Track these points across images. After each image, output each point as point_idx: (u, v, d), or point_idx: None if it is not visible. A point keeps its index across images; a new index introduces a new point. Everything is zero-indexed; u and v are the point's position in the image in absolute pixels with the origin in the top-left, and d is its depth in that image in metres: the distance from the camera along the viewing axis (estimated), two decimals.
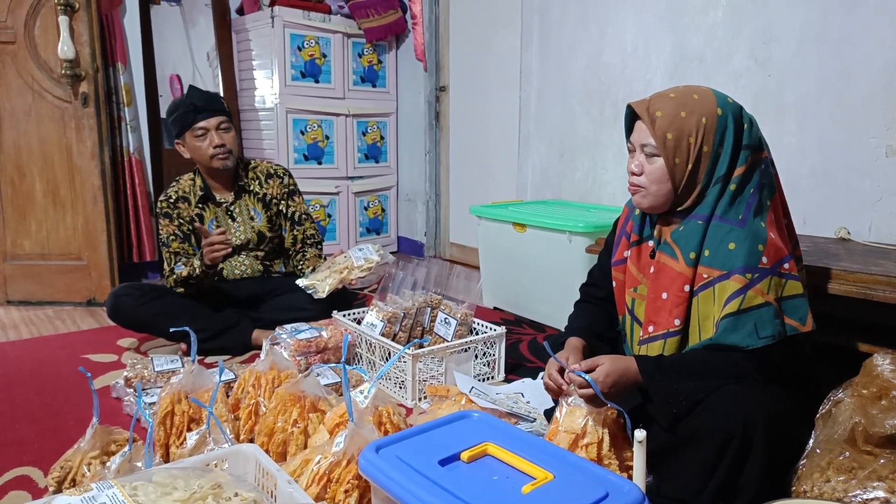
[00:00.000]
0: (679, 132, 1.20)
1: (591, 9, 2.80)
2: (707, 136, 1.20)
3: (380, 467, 1.01)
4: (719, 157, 1.21)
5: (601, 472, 1.00)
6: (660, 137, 1.21)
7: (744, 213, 1.21)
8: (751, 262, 1.16)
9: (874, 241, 1.89)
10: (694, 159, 1.21)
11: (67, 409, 1.80)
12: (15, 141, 2.86)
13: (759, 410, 1.12)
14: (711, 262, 1.21)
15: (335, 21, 3.77)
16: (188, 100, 2.24)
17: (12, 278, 2.95)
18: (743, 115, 1.24)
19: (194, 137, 2.24)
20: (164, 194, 2.33)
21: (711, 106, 1.21)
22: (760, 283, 1.16)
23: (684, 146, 1.21)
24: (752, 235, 1.18)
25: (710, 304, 1.22)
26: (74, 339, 2.45)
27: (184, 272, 2.23)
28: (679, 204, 1.27)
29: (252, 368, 1.61)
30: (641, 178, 1.26)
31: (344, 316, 2.21)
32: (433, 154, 3.96)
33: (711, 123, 1.20)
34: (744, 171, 1.22)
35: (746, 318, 1.16)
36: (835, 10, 2.00)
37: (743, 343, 1.16)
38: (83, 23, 2.79)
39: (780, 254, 1.19)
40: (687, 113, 1.21)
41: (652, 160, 1.24)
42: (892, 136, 1.90)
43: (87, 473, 1.26)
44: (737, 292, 1.16)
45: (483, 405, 1.59)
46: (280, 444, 1.40)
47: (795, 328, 1.18)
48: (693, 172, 1.22)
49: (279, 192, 2.42)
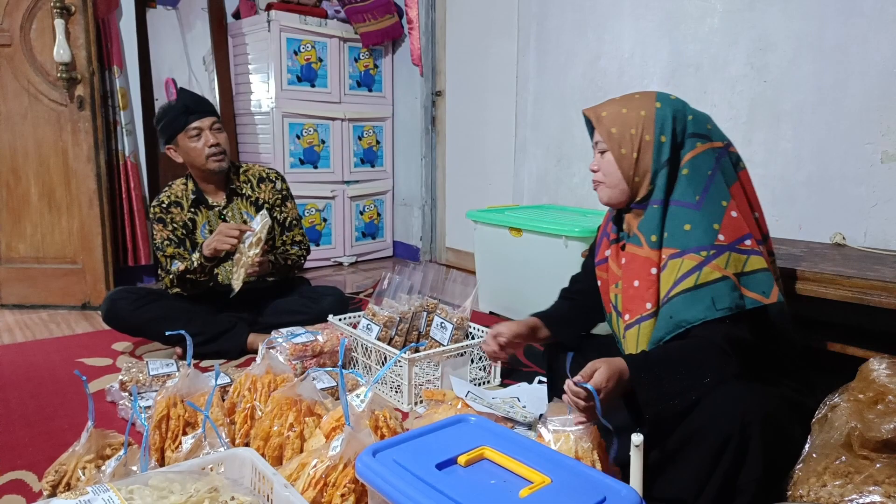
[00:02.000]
0: (622, 125, 1.32)
1: (589, 16, 2.81)
2: (647, 126, 1.31)
3: (376, 471, 1.01)
4: (662, 144, 1.30)
5: (598, 476, 1.00)
6: (605, 132, 1.33)
7: (700, 194, 1.27)
8: (705, 241, 1.23)
9: (870, 247, 1.90)
10: (637, 148, 1.31)
11: (62, 412, 1.79)
12: (10, 144, 2.85)
13: (756, 411, 1.12)
14: (670, 242, 1.28)
15: (332, 25, 3.78)
16: (180, 101, 2.23)
17: (7, 281, 2.93)
18: (686, 109, 1.34)
19: (188, 139, 2.22)
20: (156, 199, 2.31)
21: (650, 101, 1.33)
22: (717, 259, 1.21)
23: (627, 137, 1.31)
24: (706, 216, 1.25)
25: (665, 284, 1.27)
26: (69, 343, 2.44)
27: (181, 267, 2.21)
28: (636, 195, 1.35)
29: (248, 372, 1.61)
30: (598, 173, 1.38)
31: (340, 320, 2.20)
32: (429, 159, 3.96)
33: (650, 115, 1.31)
34: (695, 155, 1.30)
35: (703, 293, 1.21)
36: (830, 19, 2.01)
37: (701, 316, 1.20)
38: (79, 26, 2.79)
39: (740, 231, 1.25)
40: (628, 109, 1.33)
41: (604, 155, 1.36)
42: (887, 143, 1.92)
43: (82, 477, 1.26)
44: (692, 269, 1.22)
45: (479, 409, 1.59)
46: (276, 448, 1.40)
47: (758, 301, 1.22)
48: (639, 160, 1.31)
49: (272, 197, 2.40)
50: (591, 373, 1.17)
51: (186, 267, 2.19)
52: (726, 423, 1.12)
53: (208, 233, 2.31)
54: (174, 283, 2.23)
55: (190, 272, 2.20)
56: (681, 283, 1.22)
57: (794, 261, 1.69)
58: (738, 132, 2.29)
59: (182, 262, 2.22)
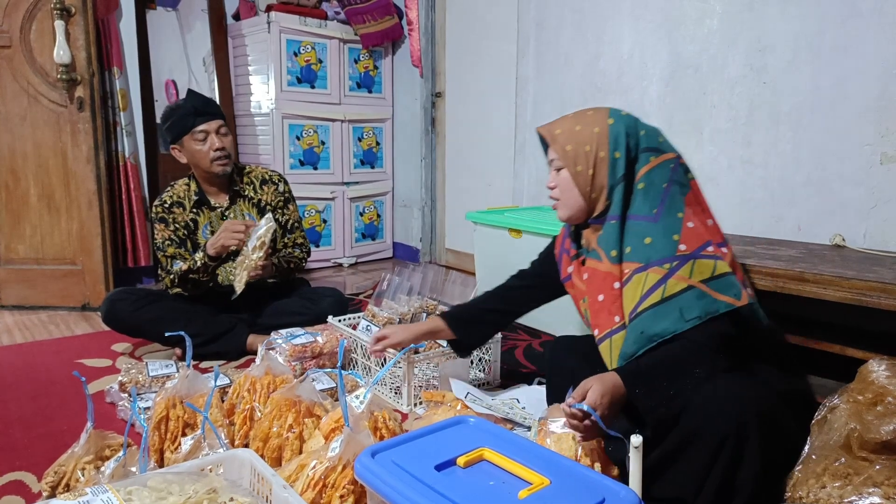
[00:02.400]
0: (576, 143, 1.34)
1: (588, 17, 2.82)
2: (601, 143, 1.33)
3: (376, 472, 1.01)
4: (616, 160, 1.33)
5: (598, 478, 1.00)
6: (560, 150, 1.36)
7: (657, 208, 1.29)
8: (667, 253, 1.25)
9: (869, 248, 1.90)
10: (592, 164, 1.34)
11: (61, 413, 1.79)
12: (10, 145, 2.85)
13: (752, 409, 1.13)
14: (632, 256, 1.29)
15: (331, 27, 3.78)
16: (188, 103, 2.22)
17: (6, 283, 2.93)
18: (638, 125, 1.36)
19: (194, 141, 2.21)
20: (158, 199, 2.31)
21: (603, 118, 1.35)
22: (681, 270, 1.23)
23: (582, 154, 1.34)
24: (665, 228, 1.27)
25: (630, 298, 1.28)
26: (68, 344, 2.44)
27: (183, 266, 2.21)
28: (593, 211, 1.37)
29: (247, 373, 1.61)
30: (555, 191, 1.40)
31: (340, 321, 2.20)
32: (429, 160, 3.97)
33: (604, 131, 1.33)
34: (650, 169, 1.32)
35: (671, 306, 1.22)
36: (829, 21, 2.02)
37: (671, 329, 1.21)
38: (79, 27, 2.79)
39: (700, 239, 1.27)
40: (582, 126, 1.35)
41: (560, 173, 1.38)
42: (886, 144, 1.92)
43: (81, 478, 1.26)
44: (657, 283, 1.23)
45: (479, 411, 1.59)
46: (275, 450, 1.40)
47: (730, 304, 1.22)
48: (594, 176, 1.34)
49: (274, 199, 2.40)
50: (584, 393, 1.17)
51: (189, 266, 2.19)
52: (723, 423, 1.12)
53: (210, 234, 2.31)
54: (175, 282, 2.23)
55: (193, 272, 2.19)
56: (648, 298, 1.24)
57: (792, 262, 1.69)
58: (737, 133, 2.29)
59: (184, 262, 2.21)
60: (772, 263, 1.67)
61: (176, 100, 2.32)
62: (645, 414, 1.20)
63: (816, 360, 1.70)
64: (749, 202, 2.27)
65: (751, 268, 1.67)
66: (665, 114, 2.52)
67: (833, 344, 1.61)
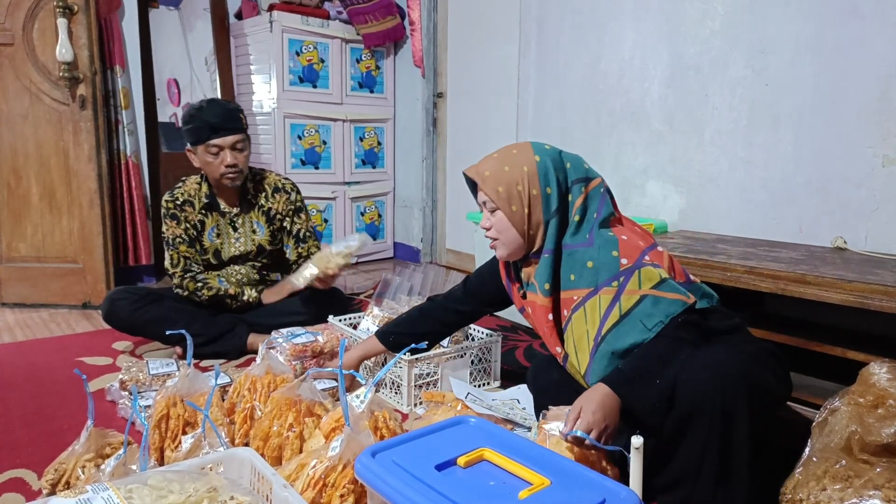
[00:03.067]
0: (507, 183, 1.36)
1: (589, 18, 2.82)
2: (532, 181, 1.36)
3: (376, 472, 1.01)
4: (549, 196, 1.36)
5: (598, 478, 1.00)
6: (492, 192, 1.37)
7: (589, 232, 1.34)
8: (612, 272, 1.28)
9: (870, 251, 1.90)
10: (527, 203, 1.36)
11: (62, 411, 1.80)
12: (11, 143, 2.85)
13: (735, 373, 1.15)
14: (577, 283, 1.32)
15: (333, 26, 3.78)
16: (207, 115, 2.18)
17: (7, 281, 2.94)
18: (562, 157, 1.39)
19: (207, 153, 2.19)
20: (169, 195, 2.30)
21: (529, 155, 1.37)
22: (629, 284, 1.26)
23: (515, 194, 1.36)
24: (603, 248, 1.31)
25: (583, 324, 1.31)
26: (69, 342, 2.44)
27: (230, 290, 2.28)
28: (532, 246, 1.40)
29: (248, 372, 1.61)
30: (492, 231, 1.42)
31: (340, 321, 2.20)
32: (430, 160, 3.97)
33: (532, 169, 1.36)
34: (582, 200, 1.36)
35: (631, 320, 1.25)
36: (830, 22, 2.02)
37: (640, 339, 1.24)
38: (82, 25, 2.79)
39: (638, 250, 1.31)
40: (510, 166, 1.37)
41: (495, 213, 1.39)
42: (888, 146, 1.92)
43: (82, 476, 1.26)
44: (611, 304, 1.27)
45: (479, 411, 1.59)
46: (275, 449, 1.40)
47: (685, 302, 1.26)
48: (530, 215, 1.37)
49: (285, 207, 2.40)
50: (577, 416, 1.18)
51: (234, 293, 2.29)
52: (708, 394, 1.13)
53: (215, 236, 2.32)
54: (198, 291, 2.25)
55: (231, 297, 2.29)
56: (608, 319, 1.27)
57: (794, 264, 1.69)
58: (738, 134, 2.29)
59: (231, 287, 2.29)
60: (773, 265, 1.67)
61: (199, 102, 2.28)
62: (644, 415, 1.20)
63: (817, 362, 1.70)
64: (750, 203, 2.27)
65: (752, 269, 1.67)
66: (666, 115, 2.52)
67: (834, 346, 1.61)
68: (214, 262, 2.35)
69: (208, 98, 2.31)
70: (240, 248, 2.36)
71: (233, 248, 2.35)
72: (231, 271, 2.38)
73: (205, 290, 2.26)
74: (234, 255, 2.36)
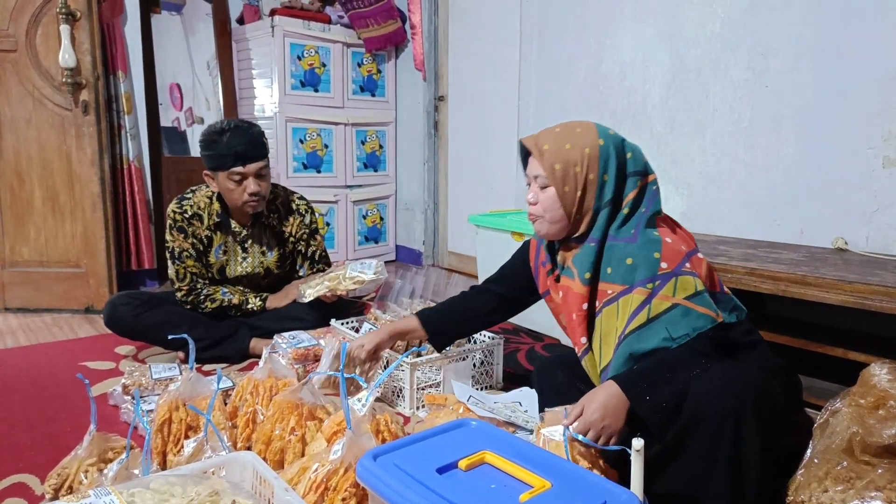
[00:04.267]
0: (565, 162, 1.30)
1: (590, 21, 2.82)
2: (591, 165, 1.31)
3: (377, 475, 1.01)
4: (605, 183, 1.31)
5: (599, 481, 1.00)
6: (548, 168, 1.31)
7: (635, 228, 1.30)
8: (650, 273, 1.24)
9: (871, 252, 1.90)
10: (581, 186, 1.31)
11: (64, 416, 1.80)
12: (15, 148, 2.87)
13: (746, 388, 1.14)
14: (613, 278, 1.28)
15: (335, 31, 3.79)
16: (231, 143, 2.09)
17: (10, 285, 2.95)
18: (625, 146, 1.34)
19: (228, 180, 2.12)
20: (178, 205, 2.23)
21: (593, 137, 1.32)
22: (664, 289, 1.22)
23: (571, 175, 1.30)
24: (645, 247, 1.26)
25: (614, 320, 1.28)
26: (72, 347, 2.44)
27: (234, 301, 2.27)
28: (575, 230, 1.35)
29: (250, 376, 1.61)
30: (537, 207, 1.36)
31: (342, 324, 2.21)
32: (432, 163, 3.97)
33: (594, 153, 1.31)
34: (635, 194, 1.32)
35: (657, 326, 1.22)
36: (831, 24, 2.02)
37: (661, 346, 1.21)
38: (84, 31, 2.80)
39: (680, 255, 1.27)
40: (571, 145, 1.31)
41: (545, 190, 1.34)
42: (888, 148, 1.92)
43: (84, 481, 1.26)
44: (641, 304, 1.23)
45: (481, 414, 1.59)
46: (277, 452, 1.40)
47: (713, 319, 1.23)
48: (582, 199, 1.32)
49: (299, 231, 2.36)
50: (578, 414, 1.19)
51: (238, 303, 2.28)
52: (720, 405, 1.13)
53: (222, 254, 2.29)
54: (202, 302, 2.24)
55: (235, 307, 2.28)
56: (634, 320, 1.24)
57: (795, 265, 1.69)
58: (739, 136, 2.29)
59: (234, 297, 2.28)
60: (774, 267, 1.67)
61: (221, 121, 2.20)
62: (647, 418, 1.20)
63: (819, 363, 1.70)
64: (751, 205, 2.27)
65: (753, 271, 1.67)
66: (667, 117, 2.53)
67: (835, 347, 1.61)
68: (218, 277, 2.33)
69: (229, 121, 2.17)
70: (246, 269, 2.33)
71: (239, 268, 2.33)
72: (236, 284, 2.37)
73: (207, 303, 2.26)
74: (239, 275, 2.34)
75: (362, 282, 2.20)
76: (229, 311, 2.29)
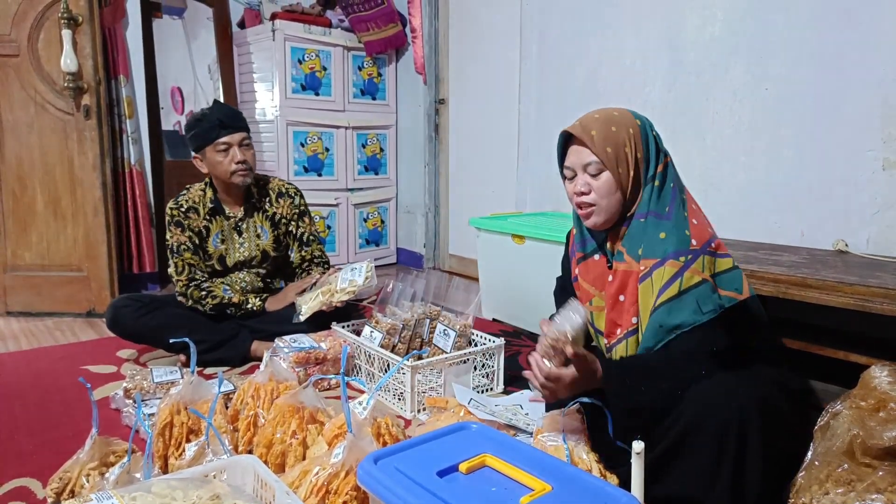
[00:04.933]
0: (615, 145, 1.31)
1: (590, 24, 2.83)
2: (637, 144, 1.33)
3: (378, 478, 1.01)
4: (649, 161, 1.33)
5: (599, 484, 1.00)
6: (601, 152, 1.31)
7: (669, 205, 1.31)
8: (682, 247, 1.25)
9: (872, 254, 1.90)
10: (634, 166, 1.32)
11: (66, 420, 1.80)
12: (17, 153, 2.87)
13: (752, 397, 1.14)
14: (647, 253, 1.29)
15: (335, 34, 3.80)
16: (213, 115, 2.24)
17: (12, 289, 2.95)
18: (651, 126, 1.38)
19: (216, 152, 2.23)
20: (174, 202, 2.33)
21: (632, 119, 1.35)
22: (695, 264, 1.24)
23: (623, 155, 1.32)
24: (678, 223, 1.28)
25: (649, 294, 1.28)
26: (74, 350, 2.45)
27: (234, 299, 2.29)
28: (626, 212, 1.36)
29: (251, 380, 1.62)
30: (591, 195, 1.33)
31: (343, 327, 2.21)
32: (432, 166, 3.98)
33: (637, 132, 1.33)
34: (662, 169, 1.34)
35: (688, 298, 1.23)
36: (830, 27, 2.02)
37: (690, 320, 1.22)
38: (86, 36, 2.82)
39: (706, 235, 1.29)
40: (616, 127, 1.33)
41: (598, 177, 1.32)
42: (888, 150, 1.92)
43: (86, 485, 1.26)
44: (674, 276, 1.24)
45: (482, 417, 1.59)
46: (279, 456, 1.40)
47: (733, 298, 1.25)
48: (635, 178, 1.33)
49: (289, 212, 2.43)
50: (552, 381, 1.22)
51: (238, 302, 2.30)
52: (725, 411, 1.13)
53: (220, 242, 2.34)
54: (203, 299, 2.27)
55: (234, 305, 2.30)
56: (666, 291, 1.24)
57: (796, 268, 1.69)
58: (739, 139, 2.29)
59: (235, 296, 2.30)
60: (774, 269, 1.67)
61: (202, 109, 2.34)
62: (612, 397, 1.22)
63: (819, 365, 1.70)
64: (752, 208, 2.27)
65: (753, 273, 1.67)
66: (667, 120, 2.53)
67: (836, 349, 1.61)
68: (219, 268, 2.36)
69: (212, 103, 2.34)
70: (244, 254, 2.38)
71: (237, 254, 2.37)
72: (235, 279, 2.39)
73: (209, 300, 2.27)
74: (238, 261, 2.37)
75: (355, 290, 2.21)
76: (229, 310, 2.30)
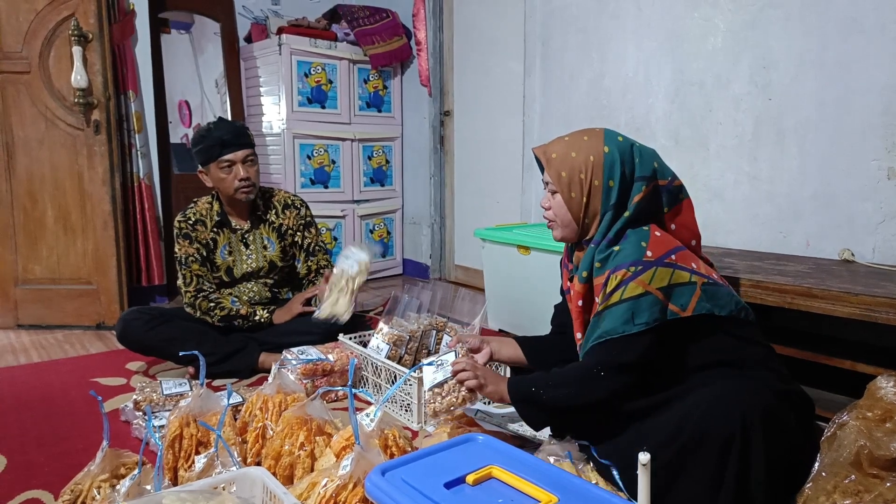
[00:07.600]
0: (571, 170, 1.37)
1: (593, 35, 2.85)
2: (596, 172, 1.36)
3: (386, 490, 1.02)
4: (610, 189, 1.36)
5: (605, 496, 1.00)
6: (555, 175, 1.38)
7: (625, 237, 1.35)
8: (635, 257, 1.29)
9: (877, 263, 1.90)
10: (587, 192, 1.36)
11: (77, 432, 1.82)
12: (28, 168, 2.91)
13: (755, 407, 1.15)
14: (601, 270, 1.34)
15: (341, 48, 3.84)
16: (216, 133, 2.27)
17: (23, 303, 2.98)
18: (633, 150, 1.38)
19: (219, 169, 2.27)
20: (182, 215, 2.36)
21: (599, 144, 1.37)
22: (643, 275, 1.26)
23: (577, 181, 1.36)
24: (634, 236, 1.32)
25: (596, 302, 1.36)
26: (84, 363, 2.47)
27: (241, 311, 2.31)
28: (586, 234, 1.41)
29: (259, 392, 1.63)
30: (549, 212, 1.44)
31: (350, 339, 2.22)
32: (438, 178, 4.00)
33: (598, 160, 1.36)
34: (640, 198, 1.36)
35: (625, 307, 1.26)
36: (832, 37, 2.03)
37: (620, 330, 1.25)
38: (96, 52, 2.86)
39: (668, 245, 1.31)
40: (577, 153, 1.37)
41: (555, 196, 1.41)
42: (893, 159, 1.92)
43: (97, 497, 1.27)
44: (619, 284, 1.28)
45: (488, 428, 1.59)
46: (287, 468, 1.41)
47: (676, 313, 1.27)
48: (587, 204, 1.37)
49: (295, 223, 2.46)
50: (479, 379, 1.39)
51: (246, 314, 2.32)
52: (727, 424, 1.13)
53: (227, 254, 2.37)
54: (211, 310, 2.28)
55: (241, 318, 2.31)
56: (609, 298, 1.29)
57: (801, 277, 1.69)
58: (743, 149, 2.30)
59: (242, 308, 2.32)
60: (780, 279, 1.68)
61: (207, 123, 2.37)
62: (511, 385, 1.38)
63: (825, 375, 1.70)
64: (756, 218, 2.28)
65: (759, 283, 1.67)
66: (671, 130, 2.54)
67: (843, 359, 1.61)
68: (227, 279, 2.38)
69: (216, 119, 2.38)
70: (251, 265, 2.40)
71: (245, 266, 2.39)
72: (243, 289, 2.41)
73: (217, 311, 2.29)
74: (246, 272, 2.40)
75: (367, 267, 2.25)
76: (237, 322, 2.31)
